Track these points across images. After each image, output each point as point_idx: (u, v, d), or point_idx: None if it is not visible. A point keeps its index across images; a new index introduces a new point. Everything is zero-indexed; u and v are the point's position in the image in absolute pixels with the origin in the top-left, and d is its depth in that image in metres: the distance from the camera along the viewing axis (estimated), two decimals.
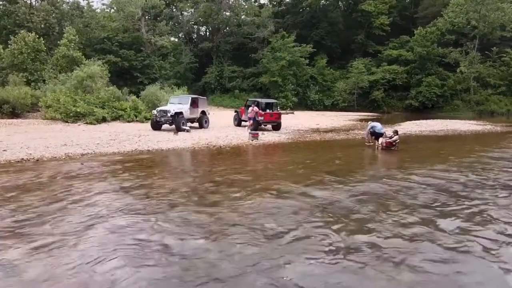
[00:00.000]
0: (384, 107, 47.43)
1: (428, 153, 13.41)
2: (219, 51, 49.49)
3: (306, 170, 9.66)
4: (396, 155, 12.49)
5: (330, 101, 47.45)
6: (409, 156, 12.28)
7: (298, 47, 46.22)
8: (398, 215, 5.80)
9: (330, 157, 11.92)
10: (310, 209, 6.08)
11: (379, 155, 12.67)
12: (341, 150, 13.77)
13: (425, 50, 45.20)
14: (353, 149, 14.08)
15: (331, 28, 52.04)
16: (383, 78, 46.85)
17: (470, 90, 45.92)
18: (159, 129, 18.41)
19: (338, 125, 24.75)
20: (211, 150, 13.29)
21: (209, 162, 10.99)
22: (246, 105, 20.72)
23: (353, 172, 9.28)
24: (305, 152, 13.12)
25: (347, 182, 8.04)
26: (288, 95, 43.93)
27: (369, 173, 9.40)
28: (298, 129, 21.25)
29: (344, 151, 13.32)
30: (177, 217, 5.66)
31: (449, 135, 19.88)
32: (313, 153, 13.02)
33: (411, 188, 7.63)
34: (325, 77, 49.16)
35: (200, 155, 12.47)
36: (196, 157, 12.13)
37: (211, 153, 12.63)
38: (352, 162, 11.33)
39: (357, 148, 14.15)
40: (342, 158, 11.78)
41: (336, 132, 20.40)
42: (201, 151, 13.09)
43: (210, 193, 7.21)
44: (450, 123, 26.41)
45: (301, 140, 16.51)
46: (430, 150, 14.42)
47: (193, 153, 12.64)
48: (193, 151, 12.96)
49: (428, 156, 12.47)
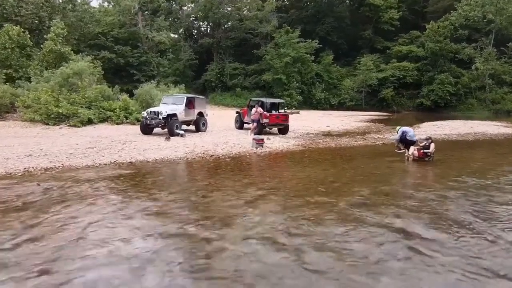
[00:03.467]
0: (394, 106, 44.99)
1: (474, 166, 10.86)
2: (220, 47, 47.10)
3: (331, 195, 7.34)
4: (436, 169, 10.14)
5: (336, 100, 45.06)
6: (454, 171, 9.91)
7: (303, 43, 43.75)
8: None
9: (355, 173, 9.57)
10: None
11: (416, 169, 10.29)
12: (364, 162, 11.38)
13: (438, 45, 42.74)
14: (378, 160, 11.68)
15: (337, 23, 49.59)
16: (392, 76, 44.43)
17: (485, 88, 43.46)
18: (149, 133, 16.05)
19: (350, 128, 22.34)
20: (207, 161, 10.96)
21: (202, 182, 8.55)
22: (249, 105, 18.25)
23: (399, 204, 6.93)
24: (323, 165, 10.73)
25: (407, 234, 5.37)
26: (292, 94, 41.52)
27: (425, 208, 7.06)
28: (307, 133, 18.86)
29: (368, 164, 10.94)
30: None
31: (480, 140, 17.42)
32: (332, 166, 10.64)
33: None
34: (331, 74, 46.68)
35: (193, 169, 10.13)
36: (187, 174, 9.77)
37: (206, 167, 10.30)
38: (387, 182, 8.75)
39: (382, 159, 11.78)
40: (371, 175, 9.36)
41: (350, 136, 18.00)
42: (195, 163, 10.77)
43: (197, 247, 4.91)
44: (474, 125, 23.98)
45: (314, 147, 14.11)
46: (472, 161, 11.92)
47: (184, 167, 10.30)
48: (185, 164, 10.63)
49: (478, 171, 10.05)
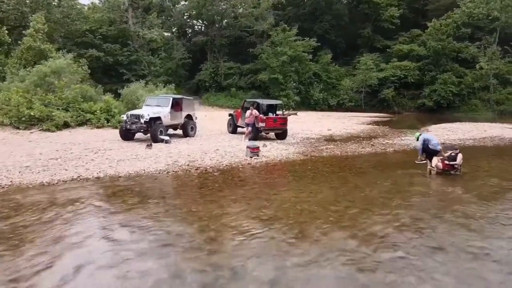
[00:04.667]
0: (395, 107, 43.34)
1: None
2: (214, 45, 45.23)
3: (348, 230, 5.55)
4: (469, 187, 8.37)
5: (335, 101, 43.34)
6: (495, 190, 8.17)
7: (301, 41, 42.04)
8: None
9: (372, 193, 7.77)
10: None
11: (445, 187, 8.46)
12: (378, 176, 9.53)
13: (440, 44, 41.17)
14: (394, 173, 9.88)
15: (336, 21, 47.93)
16: (393, 75, 42.78)
17: (489, 89, 41.91)
18: (131, 139, 14.19)
19: (354, 131, 20.57)
20: (191, 177, 9.13)
21: (180, 209, 6.71)
22: (243, 107, 16.49)
23: (449, 259, 5.17)
24: (330, 181, 8.87)
25: None
26: (289, 94, 39.76)
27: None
28: (308, 137, 17.07)
29: (384, 178, 9.13)
30: None
31: (502, 146, 15.67)
32: (341, 182, 8.77)
33: None
34: (330, 74, 44.97)
35: (172, 188, 8.25)
36: (161, 196, 7.72)
37: (188, 185, 8.46)
38: (417, 208, 6.92)
39: (399, 172, 10.00)
40: (392, 197, 7.59)
41: (356, 141, 16.23)
42: (177, 179, 8.92)
43: None
44: (486, 128, 22.30)
45: (317, 155, 12.29)
46: (508, 174, 10.06)
47: (161, 186, 8.38)
48: (164, 180, 8.77)
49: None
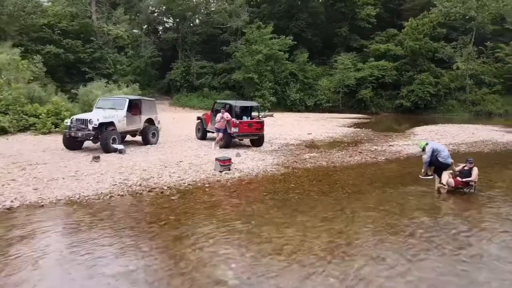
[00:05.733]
0: (372, 108, 42.33)
1: None
2: (185, 43, 42.85)
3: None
4: (495, 208, 6.71)
5: (312, 101, 41.85)
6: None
7: (277, 39, 40.32)
8: None
9: (376, 227, 5.92)
10: None
11: (468, 212, 6.78)
12: (378, 197, 7.63)
13: (418, 44, 40.44)
14: (396, 191, 8.07)
15: (312, 19, 46.45)
16: (371, 75, 41.71)
17: (465, 89, 41.63)
18: (78, 148, 11.82)
19: (336, 135, 18.85)
20: (142, 202, 6.98)
21: (105, 266, 4.66)
22: (214, 110, 14.48)
23: None
24: (320, 207, 6.89)
25: None
26: (265, 94, 37.91)
27: None
28: (287, 143, 15.18)
29: (385, 200, 7.29)
30: None
31: (499, 152, 14.25)
32: (335, 210, 6.77)
33: None
34: (307, 73, 43.41)
35: (108, 226, 5.95)
36: (91, 239, 5.46)
37: (134, 218, 6.22)
38: (446, 261, 5.29)
39: (401, 190, 8.23)
40: (403, 231, 5.81)
41: (340, 147, 14.45)
42: (120, 207, 6.70)
43: None
44: (472, 130, 21.16)
45: (300, 167, 10.38)
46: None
47: (96, 220, 6.07)
48: (101, 210, 6.52)
49: None
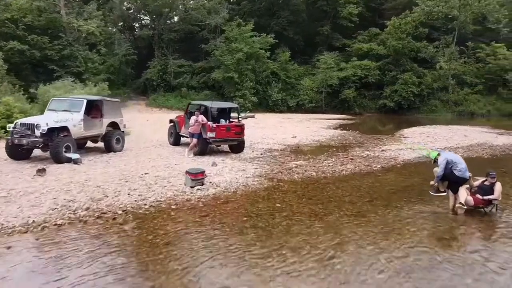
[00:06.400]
0: (356, 108, 41.45)
1: None
2: (162, 41, 40.89)
3: None
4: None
5: (294, 101, 40.66)
6: None
7: (257, 38, 38.93)
8: None
9: (392, 275, 4.57)
10: None
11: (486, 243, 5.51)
12: (381, 220, 6.27)
13: (400, 43, 39.80)
14: (402, 210, 6.75)
15: (294, 17, 45.26)
16: (354, 75, 40.82)
17: (448, 89, 41.29)
18: (25, 158, 10.01)
19: (322, 138, 17.51)
20: (84, 235, 5.34)
21: None
22: (187, 112, 12.88)
23: None
24: (317, 239, 5.45)
25: None
26: (246, 94, 36.46)
27: None
28: (270, 149, 13.71)
29: (393, 226, 5.95)
30: None
31: (501, 157, 13.12)
32: (335, 243, 5.34)
33: None
34: (289, 73, 42.19)
35: (19, 280, 4.41)
36: None
37: (67, 262, 4.61)
38: None
39: (405, 207, 6.92)
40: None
41: (329, 153, 13.06)
42: (45, 247, 5.11)
43: None
44: (463, 132, 20.23)
45: (286, 179, 8.92)
46: None
47: (11, 274, 4.43)
48: (18, 251, 4.94)
49: None
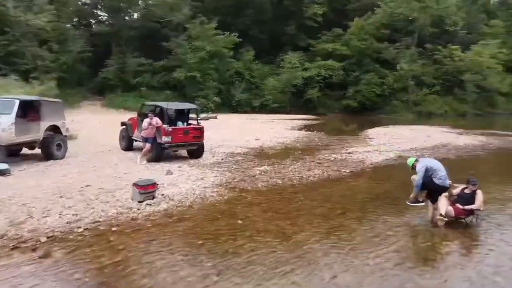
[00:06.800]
0: (320, 108, 41.47)
1: None
2: (120, 38, 38.94)
3: None
4: None
5: (259, 102, 40.04)
6: None
7: (221, 36, 37.98)
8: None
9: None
10: None
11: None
12: (358, 235, 5.60)
13: (364, 44, 40.27)
14: (377, 223, 6.11)
15: (259, 16, 44.65)
16: (318, 75, 40.82)
17: (408, 90, 42.30)
18: None
19: (287, 140, 16.82)
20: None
21: None
22: (141, 113, 11.68)
23: None
24: (287, 269, 4.64)
25: None
26: (209, 94, 35.40)
27: None
28: (233, 152, 12.82)
29: (373, 243, 5.27)
30: None
31: (466, 158, 12.94)
32: (308, 269, 4.51)
33: None
34: (253, 73, 41.57)
35: None
36: None
37: None
38: None
39: (380, 219, 6.29)
40: None
41: (295, 157, 12.33)
42: None
43: None
44: (426, 132, 20.31)
45: (249, 188, 8.05)
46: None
47: None
48: None
49: None
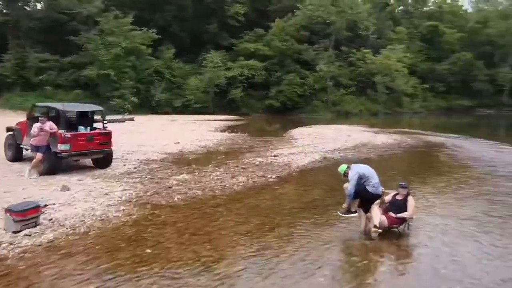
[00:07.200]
0: (243, 108, 41.21)
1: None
2: (19, 30, 34.32)
3: None
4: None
5: (180, 102, 38.46)
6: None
7: (138, 32, 35.61)
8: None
9: None
10: None
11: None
12: (290, 257, 4.96)
13: (285, 45, 40.92)
14: (306, 240, 5.49)
15: (179, 12, 42.89)
16: (241, 75, 40.48)
17: (327, 90, 44.06)
18: None
19: (209, 143, 15.77)
20: None
21: None
22: (30, 117, 9.78)
23: None
24: None
25: None
26: (125, 94, 32.85)
27: None
28: (148, 159, 11.42)
29: (310, 268, 4.61)
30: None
31: (385, 157, 13.22)
32: None
33: None
34: (174, 71, 39.80)
35: None
36: None
37: None
38: None
39: (311, 233, 5.68)
40: None
41: (218, 162, 11.35)
42: None
43: None
44: (346, 131, 20.85)
45: (164, 203, 6.86)
46: (460, 209, 6.84)
47: None
48: None
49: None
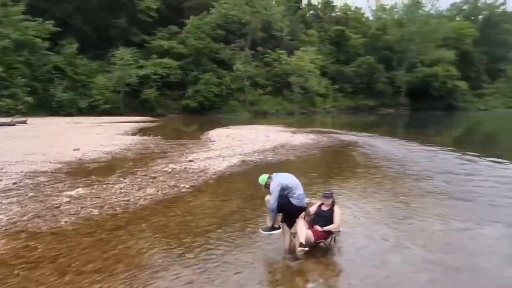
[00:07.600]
0: (158, 109, 39.15)
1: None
2: None
3: None
4: None
5: (86, 102, 35.16)
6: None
7: (32, 22, 31.53)
8: None
9: None
10: None
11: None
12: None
13: (200, 43, 39.79)
14: (230, 265, 4.64)
15: (81, 4, 39.14)
16: (155, 73, 38.41)
17: (244, 90, 44.01)
18: None
19: (116, 149, 13.89)
20: None
21: None
22: None
23: None
24: None
25: None
26: (17, 94, 28.89)
27: None
28: (35, 171, 9.45)
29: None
30: None
31: (304, 157, 12.96)
32: None
33: None
34: (78, 69, 36.26)
35: None
36: None
37: None
38: None
39: (234, 260, 4.82)
40: None
41: (124, 172, 9.85)
42: None
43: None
44: (264, 132, 20.50)
45: (46, 230, 5.33)
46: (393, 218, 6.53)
47: None
48: None
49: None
